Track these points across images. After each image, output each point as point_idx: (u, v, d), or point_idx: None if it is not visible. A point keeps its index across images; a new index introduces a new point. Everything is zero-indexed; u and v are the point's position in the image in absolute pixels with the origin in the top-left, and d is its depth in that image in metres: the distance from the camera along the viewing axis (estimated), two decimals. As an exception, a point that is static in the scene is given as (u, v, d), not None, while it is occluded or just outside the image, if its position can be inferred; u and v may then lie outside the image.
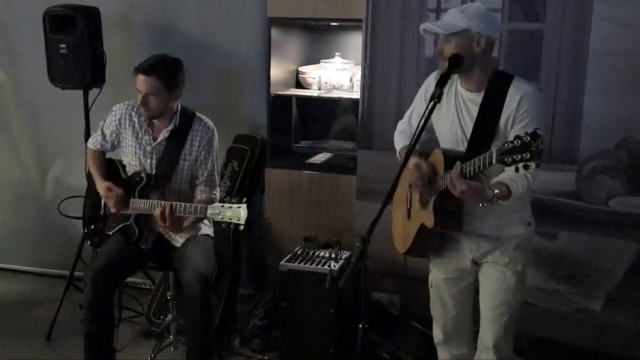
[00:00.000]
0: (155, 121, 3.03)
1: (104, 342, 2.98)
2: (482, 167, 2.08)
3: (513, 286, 2.42)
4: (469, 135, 2.33)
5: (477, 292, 2.55)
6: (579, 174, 3.03)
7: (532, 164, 1.92)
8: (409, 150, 2.23)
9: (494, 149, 2.01)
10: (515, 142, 1.93)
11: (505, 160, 1.95)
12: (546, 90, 2.97)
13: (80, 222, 3.25)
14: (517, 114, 2.24)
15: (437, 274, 2.59)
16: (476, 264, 2.49)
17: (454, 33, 2.26)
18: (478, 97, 2.33)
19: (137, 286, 4.09)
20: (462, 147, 2.34)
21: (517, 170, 1.96)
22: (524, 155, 1.91)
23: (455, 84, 2.39)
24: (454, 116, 2.38)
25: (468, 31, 2.26)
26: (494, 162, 2.01)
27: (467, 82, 2.36)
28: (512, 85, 2.29)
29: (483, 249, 2.43)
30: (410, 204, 2.54)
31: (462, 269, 2.51)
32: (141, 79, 2.89)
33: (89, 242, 3.21)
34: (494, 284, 2.44)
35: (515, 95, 2.26)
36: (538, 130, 1.91)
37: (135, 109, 3.05)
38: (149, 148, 3.03)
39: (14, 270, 4.24)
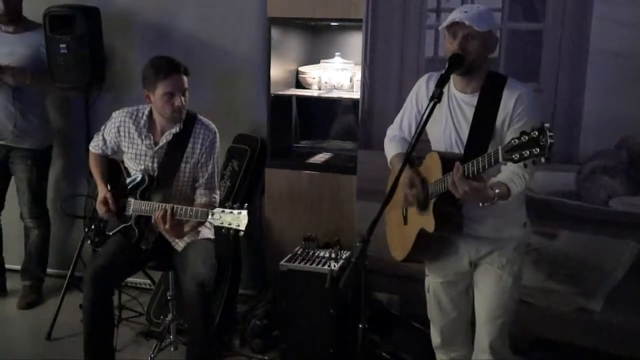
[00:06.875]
0: (159, 124, 3.02)
1: (104, 342, 2.98)
2: (486, 167, 2.06)
3: (509, 288, 2.41)
4: (464, 137, 2.32)
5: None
6: (579, 174, 3.02)
7: (542, 159, 1.87)
8: (408, 153, 2.20)
9: (499, 147, 1.98)
10: (522, 138, 1.90)
11: (514, 157, 1.92)
12: (546, 90, 2.98)
13: (79, 222, 3.25)
14: (513, 114, 2.24)
15: (435, 279, 2.57)
16: (472, 265, 2.47)
17: (482, 32, 2.21)
18: (473, 99, 2.31)
19: (137, 286, 4.09)
20: (457, 149, 2.34)
21: (525, 166, 1.94)
22: (533, 150, 1.87)
23: (448, 86, 2.35)
24: (448, 118, 2.36)
25: (490, 32, 2.25)
26: (500, 159, 1.98)
27: (466, 84, 2.33)
28: (506, 87, 2.28)
29: (482, 252, 2.42)
30: (407, 209, 2.50)
31: (460, 272, 2.50)
32: (181, 78, 2.89)
33: (89, 242, 3.21)
34: (490, 287, 2.42)
35: (511, 97, 2.25)
36: (545, 125, 1.88)
37: (133, 116, 3.03)
38: (150, 152, 3.01)
39: (14, 270, 4.23)
